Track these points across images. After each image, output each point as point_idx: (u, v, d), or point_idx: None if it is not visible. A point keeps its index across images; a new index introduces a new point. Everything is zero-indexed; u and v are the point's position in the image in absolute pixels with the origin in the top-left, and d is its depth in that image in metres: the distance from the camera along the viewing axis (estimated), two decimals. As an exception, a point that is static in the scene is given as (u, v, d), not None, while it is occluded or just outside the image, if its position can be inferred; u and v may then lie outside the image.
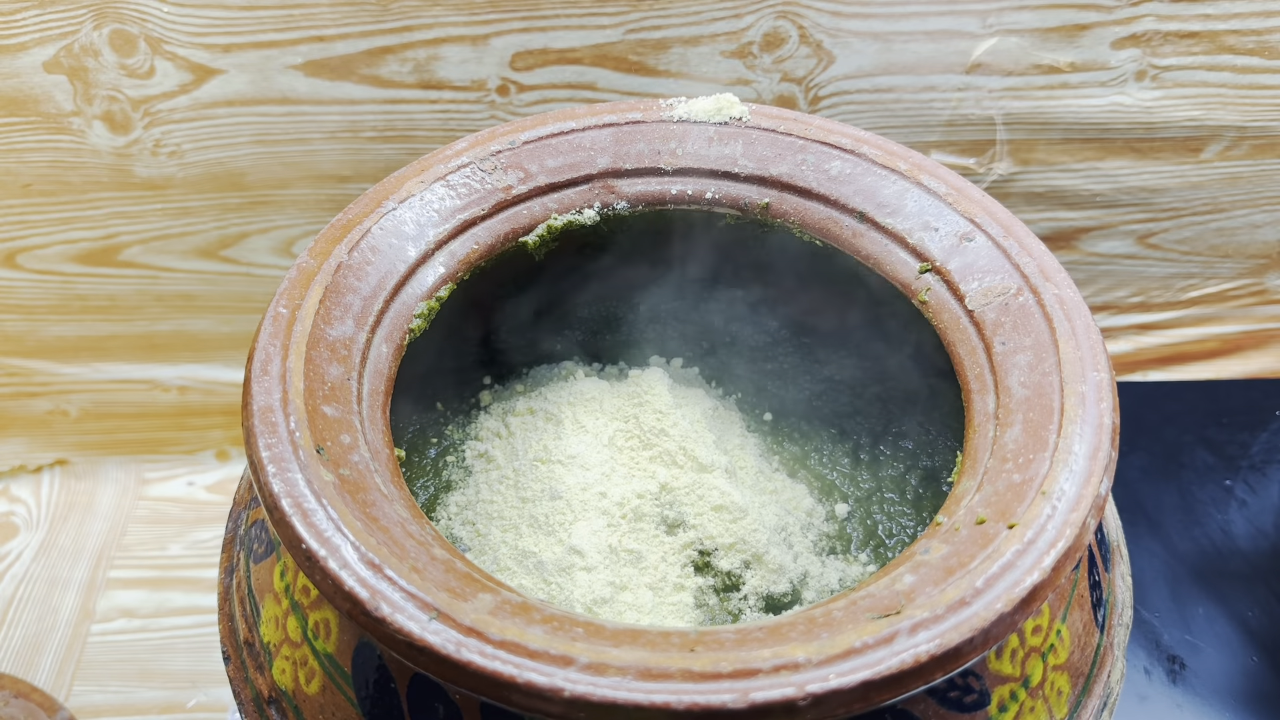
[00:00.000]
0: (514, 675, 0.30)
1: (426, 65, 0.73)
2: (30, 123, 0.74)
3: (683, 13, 0.72)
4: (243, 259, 0.82)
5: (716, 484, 0.51)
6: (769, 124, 0.50)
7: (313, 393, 0.38)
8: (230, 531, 0.48)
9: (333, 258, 0.43)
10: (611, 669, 0.31)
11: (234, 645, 0.44)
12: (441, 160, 0.48)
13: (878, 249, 0.47)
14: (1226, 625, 0.70)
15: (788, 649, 0.31)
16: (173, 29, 0.71)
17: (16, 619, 0.79)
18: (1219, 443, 0.81)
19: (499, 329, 0.58)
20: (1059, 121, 0.79)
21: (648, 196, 0.50)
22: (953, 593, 0.33)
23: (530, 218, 0.49)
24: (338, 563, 0.33)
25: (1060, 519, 0.35)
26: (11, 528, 0.85)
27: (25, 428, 0.88)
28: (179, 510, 0.87)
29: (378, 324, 0.43)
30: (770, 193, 0.49)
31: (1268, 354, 0.92)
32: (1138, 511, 0.76)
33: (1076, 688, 0.41)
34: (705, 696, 0.30)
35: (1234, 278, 0.90)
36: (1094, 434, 0.37)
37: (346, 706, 0.38)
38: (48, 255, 0.81)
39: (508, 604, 0.33)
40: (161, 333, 0.86)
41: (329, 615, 0.39)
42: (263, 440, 0.36)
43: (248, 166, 0.77)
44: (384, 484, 0.37)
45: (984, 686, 0.37)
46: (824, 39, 0.74)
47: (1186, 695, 0.67)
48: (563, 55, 0.74)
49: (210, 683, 0.76)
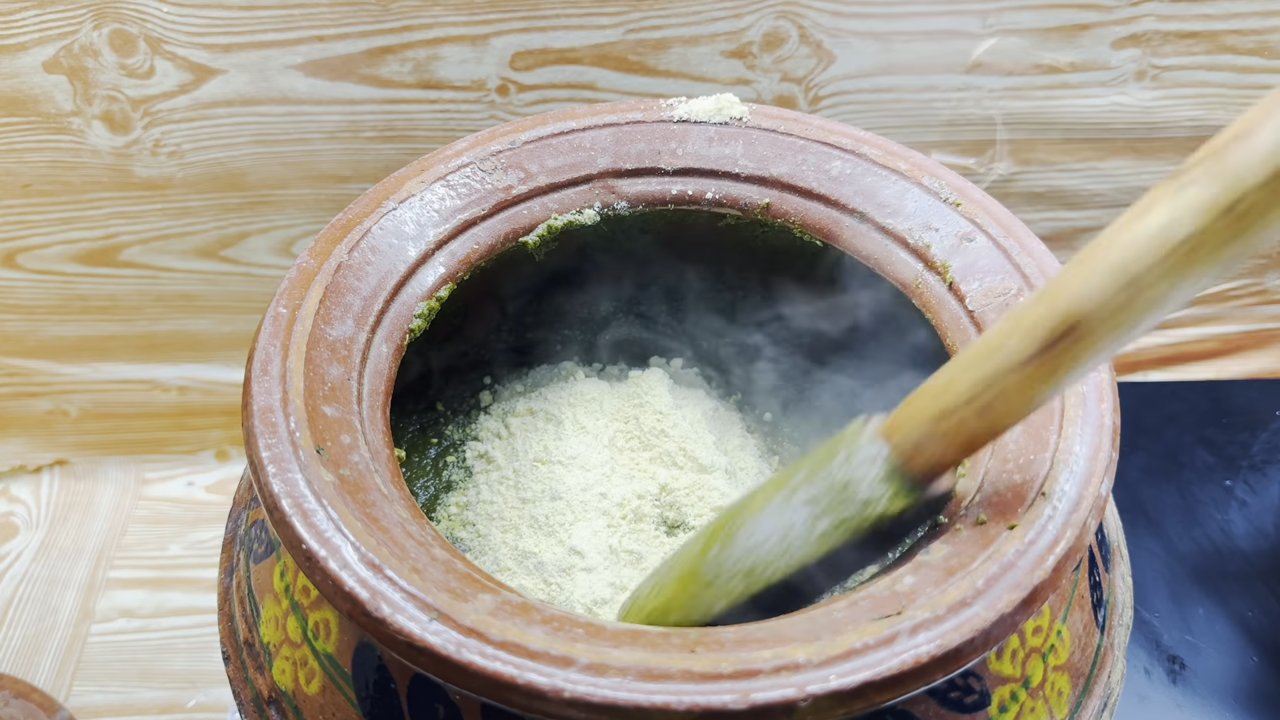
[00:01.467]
0: (514, 676, 0.30)
1: (426, 65, 0.73)
2: (30, 123, 0.74)
3: (683, 13, 0.72)
4: (243, 259, 0.82)
5: (717, 485, 0.51)
6: (769, 124, 0.50)
7: (313, 393, 0.38)
8: (230, 532, 0.48)
9: (333, 258, 0.43)
10: (612, 670, 0.31)
11: (234, 645, 0.44)
12: (441, 160, 0.48)
13: (878, 249, 0.47)
14: (1226, 625, 0.70)
15: (788, 650, 0.31)
16: (173, 29, 0.71)
17: (16, 619, 0.79)
18: (1219, 443, 0.81)
19: (500, 328, 0.58)
20: (1059, 121, 0.79)
21: (648, 196, 0.50)
22: (953, 593, 0.33)
23: (530, 218, 0.49)
24: (338, 563, 0.33)
25: (1061, 520, 0.35)
26: (11, 528, 0.85)
27: (25, 428, 0.88)
28: (179, 510, 0.87)
29: (378, 324, 0.43)
30: (771, 193, 0.49)
31: (1268, 354, 0.92)
32: (1138, 511, 0.76)
33: (1077, 688, 0.41)
34: (706, 697, 0.30)
35: (1234, 278, 0.89)
36: (1095, 434, 0.37)
37: (347, 707, 0.38)
38: (48, 255, 0.81)
39: (508, 604, 0.33)
40: (161, 333, 0.85)
41: (329, 615, 0.39)
42: (263, 440, 0.36)
43: (248, 166, 0.77)
44: (384, 484, 0.37)
45: (984, 687, 0.37)
46: (824, 39, 0.74)
47: (1186, 695, 0.67)
48: (563, 55, 0.74)
49: (210, 683, 0.76)
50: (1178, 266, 0.28)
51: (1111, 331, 0.30)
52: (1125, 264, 0.29)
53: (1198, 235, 0.28)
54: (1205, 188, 0.28)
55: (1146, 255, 0.29)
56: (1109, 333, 0.30)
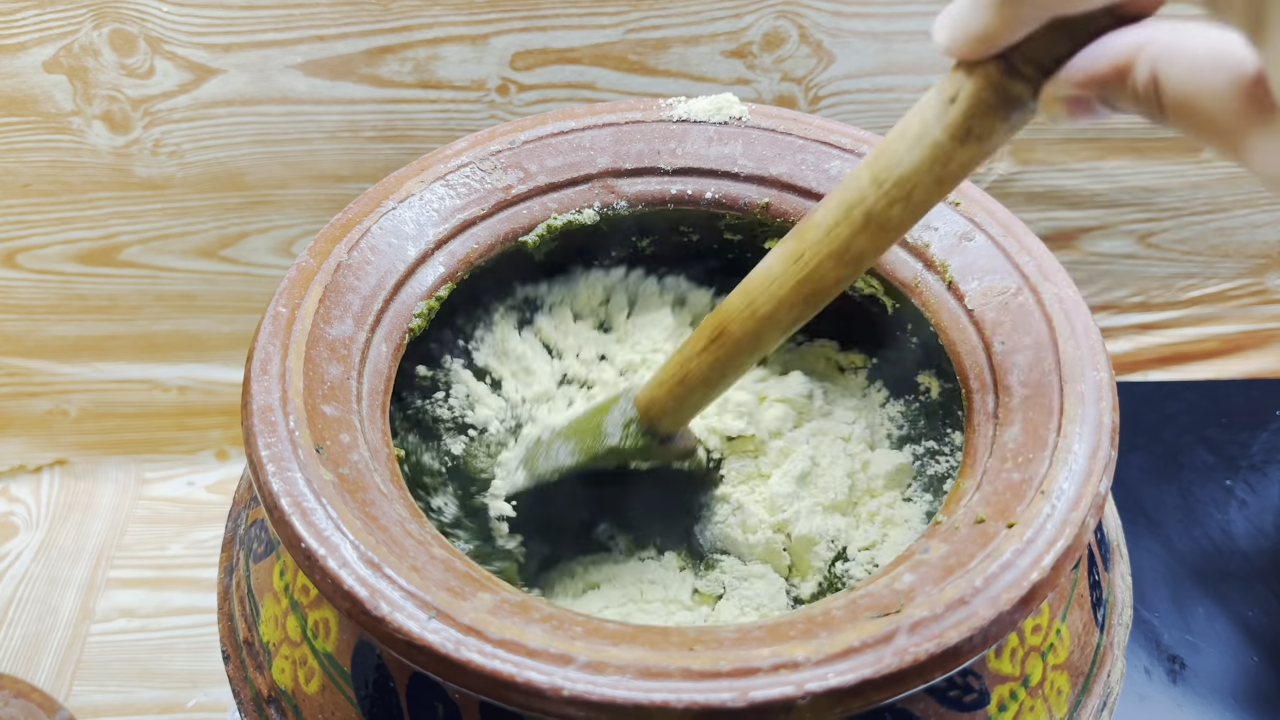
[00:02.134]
0: (513, 674, 0.30)
1: (426, 65, 0.73)
2: (30, 123, 0.74)
3: (683, 13, 0.72)
4: (242, 259, 0.82)
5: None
6: (769, 124, 0.50)
7: (312, 392, 0.39)
8: (230, 531, 0.48)
9: (332, 257, 0.43)
10: (610, 668, 0.31)
11: (233, 645, 0.44)
12: (441, 160, 0.48)
13: (877, 248, 0.47)
14: (1226, 625, 0.70)
15: (787, 648, 0.31)
16: (173, 29, 0.71)
17: (16, 619, 0.79)
18: (1219, 443, 0.81)
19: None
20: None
21: (647, 196, 0.50)
22: (952, 592, 0.33)
23: (530, 217, 0.49)
24: (337, 562, 0.33)
25: (1060, 518, 0.35)
26: (11, 528, 0.85)
27: (25, 428, 0.88)
28: (179, 510, 0.87)
29: (377, 323, 0.43)
30: (770, 192, 0.49)
31: (1268, 354, 0.92)
32: (1138, 511, 0.76)
33: (1076, 687, 0.41)
34: (704, 695, 0.30)
35: (1234, 278, 0.89)
36: (1094, 433, 0.37)
37: (346, 706, 0.38)
38: (48, 255, 0.81)
39: (507, 603, 0.33)
40: (161, 333, 0.86)
41: (328, 614, 0.39)
42: (262, 439, 0.36)
43: (247, 166, 0.77)
44: (383, 483, 0.37)
45: (983, 686, 0.37)
46: (824, 39, 0.74)
47: (1186, 695, 0.67)
48: (563, 55, 0.74)
49: (210, 682, 0.76)
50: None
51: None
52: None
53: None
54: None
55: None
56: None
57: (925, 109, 0.32)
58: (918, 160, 0.33)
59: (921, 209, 0.34)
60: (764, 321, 0.39)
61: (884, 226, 0.34)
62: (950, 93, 0.31)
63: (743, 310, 0.39)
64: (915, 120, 0.33)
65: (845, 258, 0.36)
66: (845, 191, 0.35)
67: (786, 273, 0.37)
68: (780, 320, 0.39)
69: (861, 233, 0.35)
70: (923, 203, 0.34)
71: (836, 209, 0.35)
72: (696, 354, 0.42)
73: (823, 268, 0.36)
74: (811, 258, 0.36)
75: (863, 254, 0.36)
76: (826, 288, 0.37)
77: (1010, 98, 0.30)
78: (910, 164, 0.33)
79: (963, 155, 0.32)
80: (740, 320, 0.40)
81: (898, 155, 0.33)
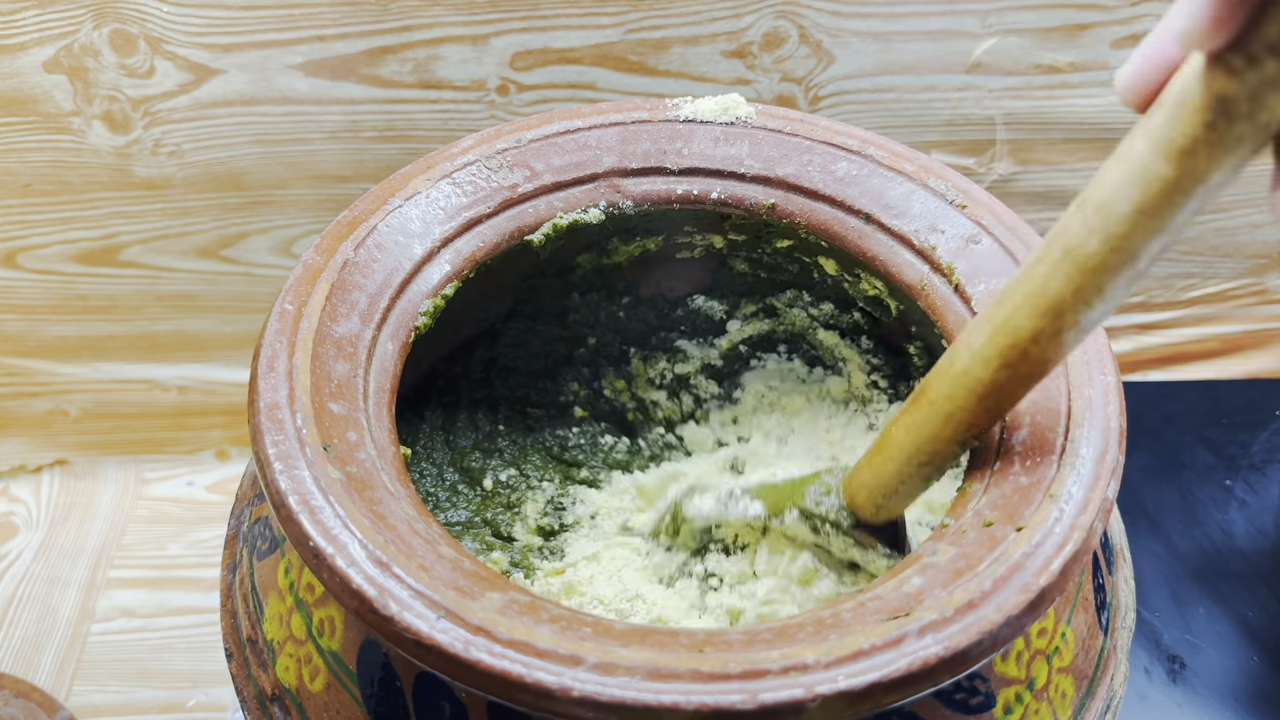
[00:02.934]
0: (522, 674, 0.30)
1: (426, 65, 0.73)
2: (30, 123, 0.74)
3: (683, 13, 0.72)
4: (243, 259, 0.82)
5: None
6: (775, 124, 0.50)
7: (319, 390, 0.38)
8: (233, 528, 0.47)
9: (339, 254, 0.43)
10: (620, 669, 0.31)
11: (236, 642, 0.44)
12: (447, 158, 0.48)
13: (884, 251, 0.47)
14: (1226, 625, 0.70)
15: (796, 650, 0.31)
16: (173, 29, 0.71)
17: (16, 619, 0.79)
18: (1219, 443, 0.81)
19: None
20: (1059, 121, 0.79)
21: (653, 196, 0.50)
22: (961, 595, 0.33)
23: (536, 216, 0.48)
24: (345, 560, 0.33)
25: (1068, 522, 0.35)
26: (11, 528, 0.85)
27: (25, 428, 0.88)
28: (179, 510, 0.87)
29: (384, 321, 0.43)
30: (776, 193, 0.49)
31: (1268, 354, 0.92)
32: (1138, 511, 0.77)
33: (1080, 690, 0.41)
34: (714, 697, 0.30)
35: (1234, 278, 0.90)
36: (1101, 437, 0.37)
37: (351, 704, 0.38)
38: (48, 255, 0.81)
39: (516, 603, 0.33)
40: (161, 333, 0.85)
41: (334, 612, 0.39)
42: (269, 437, 0.36)
43: (248, 166, 0.77)
44: (390, 482, 0.37)
45: (990, 689, 0.37)
46: (824, 39, 0.74)
47: (1186, 695, 0.67)
48: (563, 55, 0.74)
49: (210, 682, 0.76)
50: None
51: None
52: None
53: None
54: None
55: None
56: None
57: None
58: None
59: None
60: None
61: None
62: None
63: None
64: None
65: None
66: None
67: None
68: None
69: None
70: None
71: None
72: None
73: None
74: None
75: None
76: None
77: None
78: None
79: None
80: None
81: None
